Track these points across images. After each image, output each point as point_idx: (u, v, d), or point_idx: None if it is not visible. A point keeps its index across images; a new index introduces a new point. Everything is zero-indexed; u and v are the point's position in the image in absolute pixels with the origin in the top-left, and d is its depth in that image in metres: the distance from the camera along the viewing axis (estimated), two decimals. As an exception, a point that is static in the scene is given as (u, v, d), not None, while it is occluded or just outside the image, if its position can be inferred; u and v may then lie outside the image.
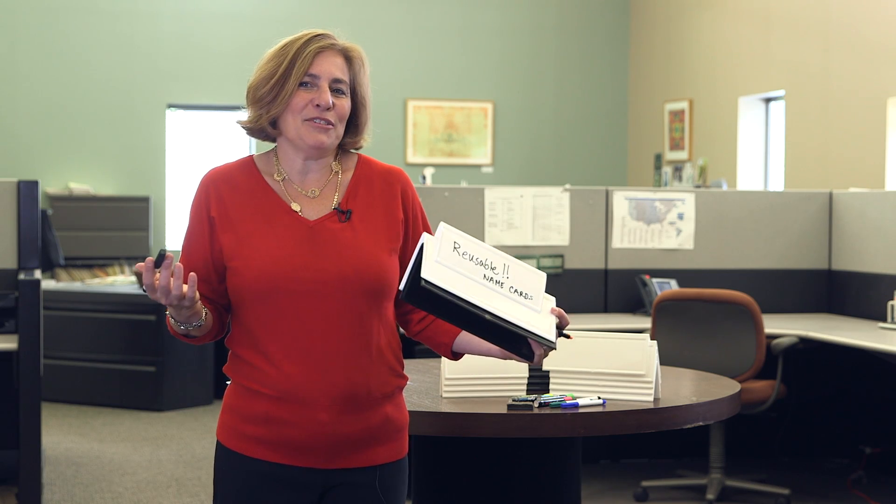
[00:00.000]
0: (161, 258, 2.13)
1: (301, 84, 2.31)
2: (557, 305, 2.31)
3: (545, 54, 12.22)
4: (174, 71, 11.29)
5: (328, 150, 2.36)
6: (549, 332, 2.21)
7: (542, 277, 2.26)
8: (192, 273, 2.18)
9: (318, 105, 2.30)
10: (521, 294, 2.20)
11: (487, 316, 2.15)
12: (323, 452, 2.30)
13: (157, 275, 2.14)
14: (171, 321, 2.28)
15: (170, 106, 11.34)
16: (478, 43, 12.07)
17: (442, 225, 2.19)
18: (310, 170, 2.37)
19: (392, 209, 2.37)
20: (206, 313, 2.28)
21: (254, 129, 2.37)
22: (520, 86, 12.15)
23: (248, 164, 2.39)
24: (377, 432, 2.34)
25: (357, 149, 2.43)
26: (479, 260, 2.19)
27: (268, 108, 2.32)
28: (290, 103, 2.31)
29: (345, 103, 2.34)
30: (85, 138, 11.20)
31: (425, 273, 2.12)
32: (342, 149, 2.42)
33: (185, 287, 2.16)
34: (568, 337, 2.30)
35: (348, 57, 2.36)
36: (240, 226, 2.31)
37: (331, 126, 2.32)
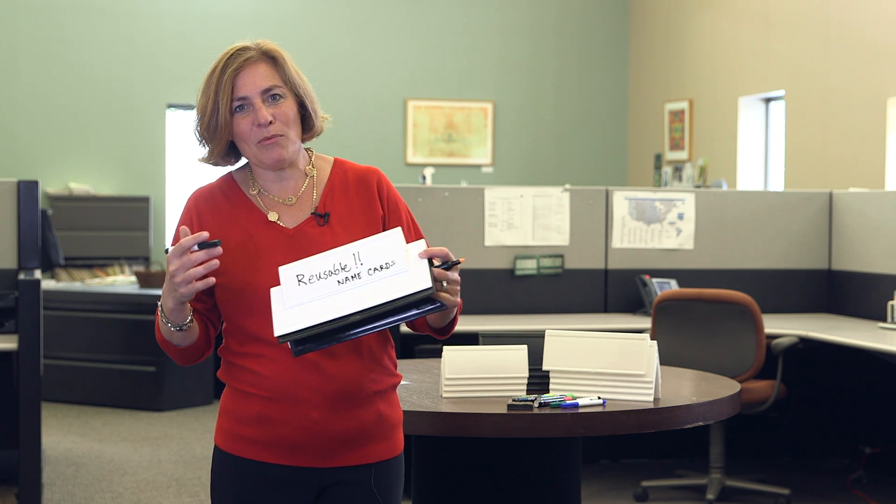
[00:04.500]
0: (213, 244, 2.17)
1: (236, 110, 2.31)
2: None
3: (545, 54, 12.21)
4: (174, 71, 11.29)
5: (293, 158, 2.36)
6: (421, 282, 2.15)
7: (395, 234, 2.20)
8: (212, 278, 2.19)
9: (259, 124, 2.29)
10: (381, 268, 2.17)
11: (357, 317, 2.14)
12: (316, 451, 2.31)
13: (194, 252, 2.16)
14: (161, 321, 2.29)
15: (170, 106, 11.34)
16: (478, 43, 12.06)
17: (280, 269, 2.20)
18: (284, 178, 2.38)
19: (371, 207, 2.38)
20: (191, 316, 2.29)
21: (215, 165, 2.38)
22: (520, 86, 12.15)
23: (228, 180, 2.41)
24: (371, 430, 2.34)
25: (317, 136, 2.42)
26: (327, 272, 2.18)
27: (213, 141, 2.33)
28: (234, 133, 2.32)
29: (285, 107, 2.32)
30: (85, 138, 11.19)
31: (278, 330, 2.15)
32: (314, 147, 2.43)
33: (199, 283, 2.17)
34: (458, 262, 2.22)
35: (271, 58, 2.34)
36: (223, 244, 2.32)
37: (281, 136, 2.31)
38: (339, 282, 2.17)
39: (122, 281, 8.98)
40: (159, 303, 2.27)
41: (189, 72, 11.24)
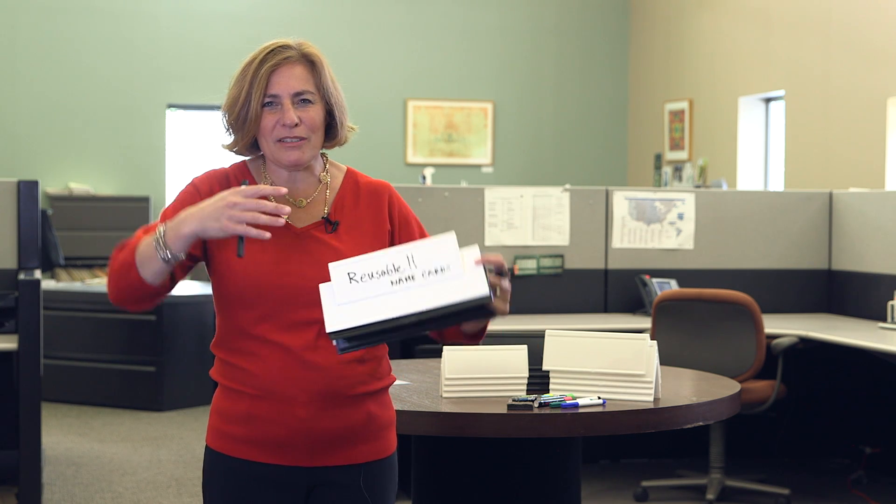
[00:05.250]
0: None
1: (265, 105, 2.30)
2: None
3: (545, 54, 12.21)
4: (174, 71, 11.28)
5: (309, 162, 2.36)
6: (478, 289, 2.15)
7: (450, 238, 2.21)
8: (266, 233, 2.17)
9: (284, 124, 2.29)
10: (436, 272, 2.16)
11: (412, 318, 2.13)
12: (304, 450, 2.31)
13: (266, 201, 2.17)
14: (154, 243, 2.20)
15: (170, 106, 11.34)
16: (478, 43, 12.06)
17: (330, 265, 2.18)
18: (296, 180, 2.38)
19: (380, 221, 2.38)
20: (185, 255, 2.22)
21: (238, 154, 2.38)
22: (520, 86, 12.15)
23: (241, 167, 2.40)
24: (360, 430, 2.34)
25: (340, 145, 2.42)
26: (380, 272, 2.17)
27: (240, 132, 2.33)
28: (259, 126, 2.31)
29: (313, 112, 2.32)
30: (85, 138, 11.19)
31: (329, 326, 2.14)
32: (328, 153, 2.43)
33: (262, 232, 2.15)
34: (511, 271, 2.25)
35: (310, 62, 2.34)
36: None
37: (303, 141, 2.31)
38: (392, 282, 2.16)
39: (122, 281, 8.97)
40: (161, 227, 2.20)
41: (189, 72, 11.24)
